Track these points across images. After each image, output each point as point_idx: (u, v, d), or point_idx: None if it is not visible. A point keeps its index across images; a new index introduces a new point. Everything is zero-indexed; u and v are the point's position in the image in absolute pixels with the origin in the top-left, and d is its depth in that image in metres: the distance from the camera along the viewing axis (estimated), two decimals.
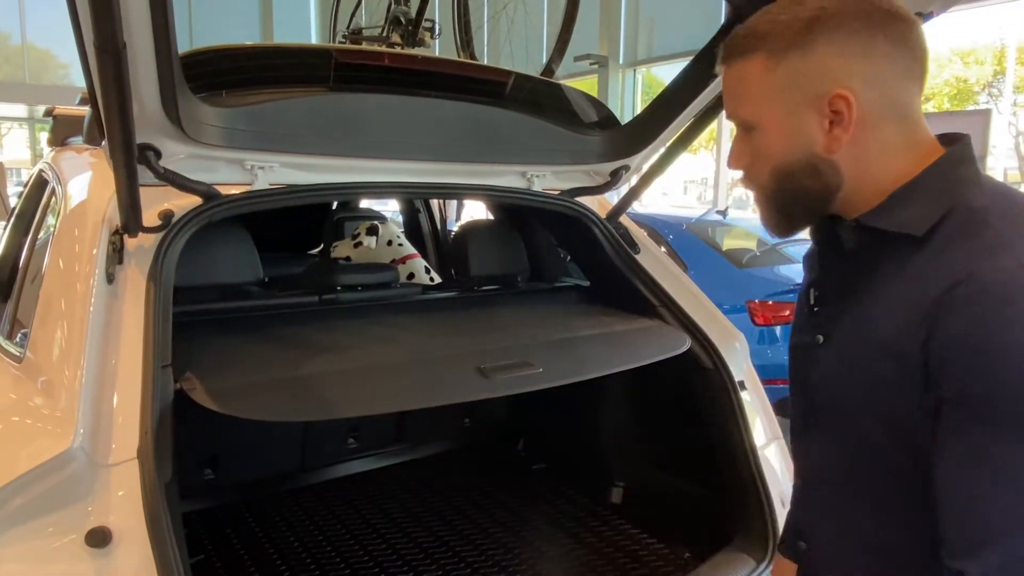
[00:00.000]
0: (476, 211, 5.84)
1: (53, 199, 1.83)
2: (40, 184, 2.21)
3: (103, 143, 1.28)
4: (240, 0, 15.29)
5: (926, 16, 1.57)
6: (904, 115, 0.83)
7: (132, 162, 1.22)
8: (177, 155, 1.42)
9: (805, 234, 1.00)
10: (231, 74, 1.47)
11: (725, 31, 1.69)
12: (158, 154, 1.38)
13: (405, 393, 1.49)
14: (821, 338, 0.92)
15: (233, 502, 2.22)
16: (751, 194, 0.96)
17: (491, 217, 2.70)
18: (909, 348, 0.77)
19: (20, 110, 15.47)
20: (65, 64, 14.52)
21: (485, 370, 1.48)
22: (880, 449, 0.84)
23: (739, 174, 0.94)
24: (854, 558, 0.94)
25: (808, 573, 1.06)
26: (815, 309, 0.95)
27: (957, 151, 0.83)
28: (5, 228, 2.81)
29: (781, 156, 0.85)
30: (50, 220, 1.78)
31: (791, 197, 0.88)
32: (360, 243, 2.84)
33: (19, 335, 1.56)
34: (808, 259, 1.04)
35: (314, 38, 15.53)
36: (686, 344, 1.82)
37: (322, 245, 3.67)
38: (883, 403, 0.82)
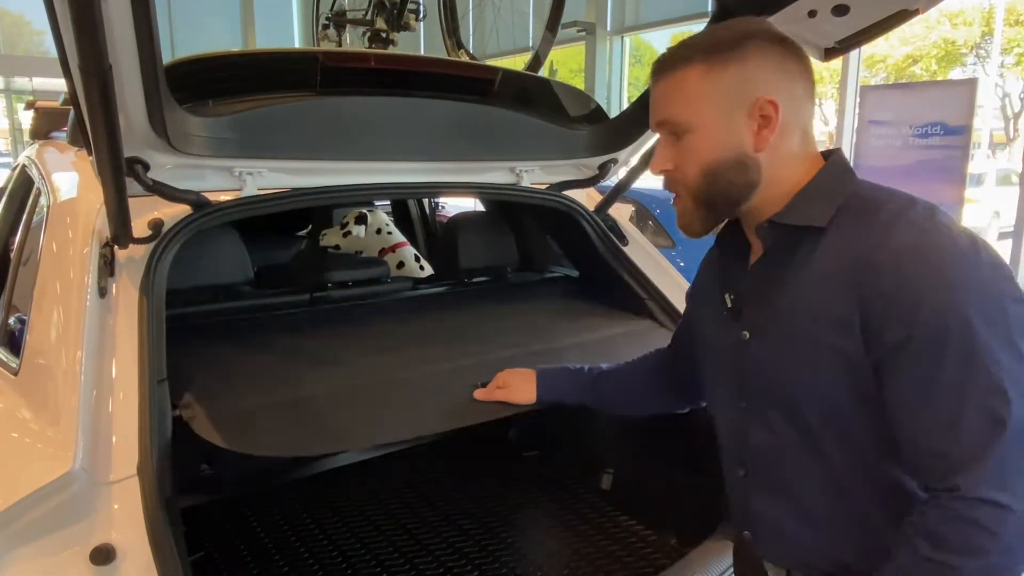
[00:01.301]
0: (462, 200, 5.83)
1: (40, 202, 1.82)
2: (25, 181, 2.19)
3: (91, 158, 1.27)
4: None
5: (912, 12, 1.59)
6: (805, 130, 0.99)
7: (120, 176, 1.22)
8: (165, 166, 1.42)
9: None
10: (217, 83, 1.46)
11: (714, 21, 1.69)
12: (146, 167, 1.37)
13: (405, 425, 1.51)
14: (747, 334, 1.03)
15: (231, 496, 2.25)
16: None
17: (481, 208, 2.70)
18: (844, 313, 0.89)
19: None
20: (40, 31, 14.16)
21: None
22: (820, 421, 0.95)
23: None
24: (800, 537, 1.02)
25: (754, 559, 1.12)
26: (736, 310, 1.06)
27: (837, 161, 1.00)
28: None
29: (712, 154, 0.96)
30: (37, 224, 1.77)
31: (718, 193, 0.98)
32: (349, 232, 2.84)
33: (13, 345, 1.57)
34: (705, 272, 1.19)
35: (295, 22, 15.12)
36: None
37: (310, 227, 3.66)
38: (827, 374, 0.92)
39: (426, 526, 2.14)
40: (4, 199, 2.51)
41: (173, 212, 1.49)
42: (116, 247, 1.40)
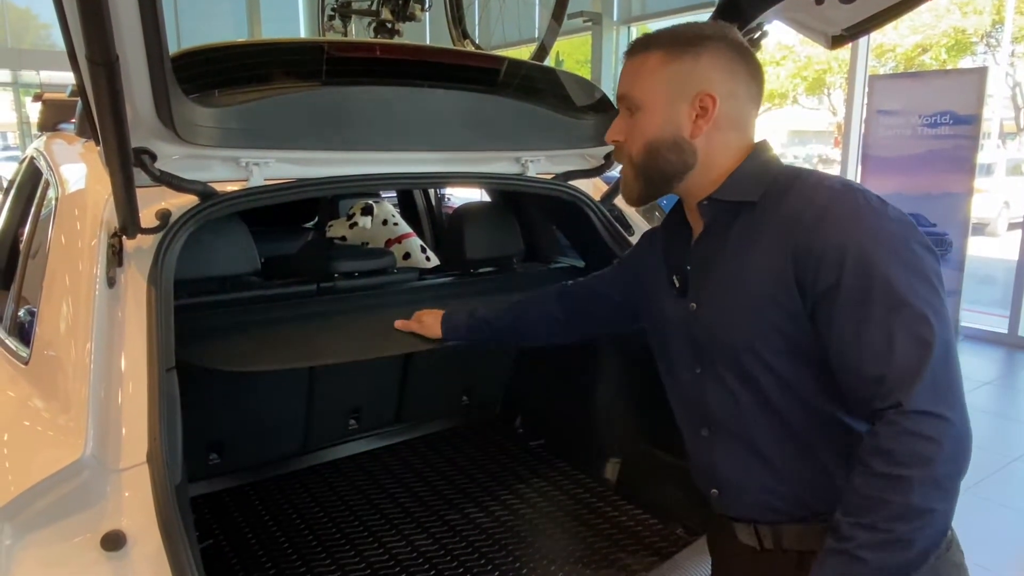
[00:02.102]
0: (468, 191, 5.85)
1: (48, 193, 1.83)
2: (34, 173, 2.20)
3: (98, 149, 1.28)
4: None
5: None
6: (744, 127, 1.13)
7: (128, 167, 1.23)
8: (172, 156, 1.43)
9: None
10: (223, 73, 1.46)
11: (720, 9, 1.69)
12: (153, 157, 1.38)
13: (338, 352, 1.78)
14: (695, 305, 1.15)
15: (238, 485, 2.27)
16: None
17: (486, 199, 2.70)
18: (781, 268, 1.01)
19: (3, 75, 15.17)
20: (46, 24, 14.16)
21: None
22: (770, 371, 1.05)
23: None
24: (762, 486, 1.11)
25: (721, 517, 1.20)
26: (681, 289, 1.18)
27: (760, 147, 1.13)
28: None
29: (655, 133, 1.09)
30: (46, 215, 1.78)
31: (656, 167, 1.11)
32: (355, 223, 2.84)
33: (23, 335, 1.58)
34: (652, 244, 1.33)
35: (301, 13, 15.04)
36: None
37: (317, 219, 3.67)
38: (771, 327, 1.04)
39: (433, 514, 2.16)
40: (13, 191, 2.52)
41: (180, 202, 1.50)
42: (124, 237, 1.41)
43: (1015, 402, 4.95)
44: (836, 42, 1.73)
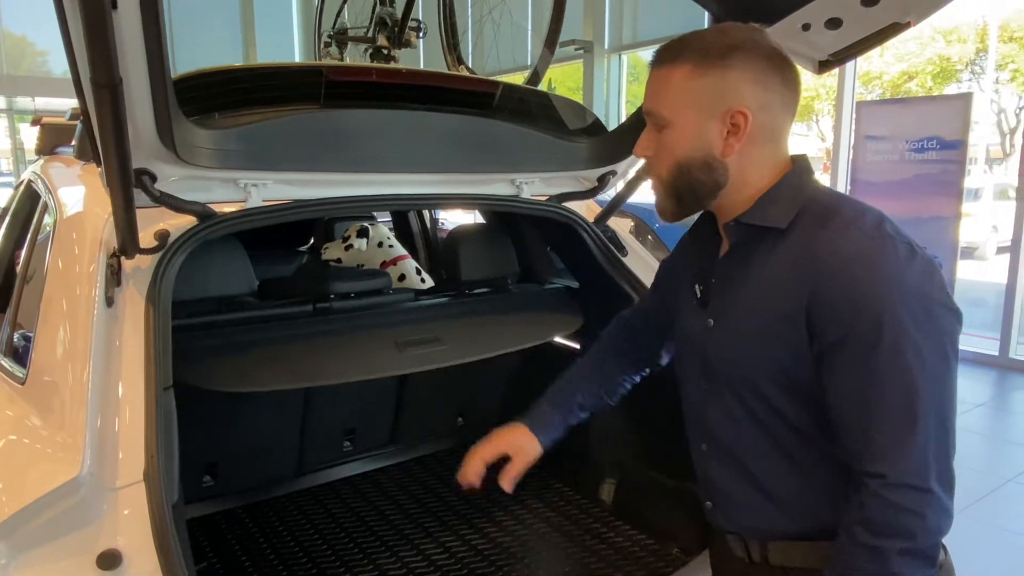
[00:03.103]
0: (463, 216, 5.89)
1: (47, 215, 1.84)
2: (31, 195, 2.22)
3: (100, 170, 1.30)
4: (220, 5, 14.87)
5: (904, 26, 1.62)
6: (778, 140, 1.07)
7: (129, 188, 1.24)
8: (172, 177, 1.44)
9: None
10: (224, 96, 1.49)
11: None
12: (153, 178, 1.39)
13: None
14: (711, 321, 1.12)
15: (233, 508, 2.26)
16: None
17: (481, 220, 2.73)
18: (794, 308, 0.98)
19: None
20: (43, 51, 14.24)
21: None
22: (771, 402, 1.05)
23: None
24: (754, 506, 1.11)
25: (714, 529, 1.23)
26: (702, 300, 1.15)
27: (800, 164, 1.08)
28: None
29: (684, 152, 1.05)
30: (44, 237, 1.79)
31: (687, 187, 1.07)
32: (351, 245, 2.86)
33: (20, 355, 1.58)
34: (679, 259, 1.31)
35: (296, 40, 15.19)
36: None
37: (311, 241, 3.68)
38: (776, 361, 1.02)
39: (427, 536, 2.15)
40: (9, 214, 2.53)
41: (179, 223, 1.51)
42: (123, 257, 1.43)
43: (1008, 423, 4.97)
44: (823, 67, 1.77)
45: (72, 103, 2.41)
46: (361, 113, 1.66)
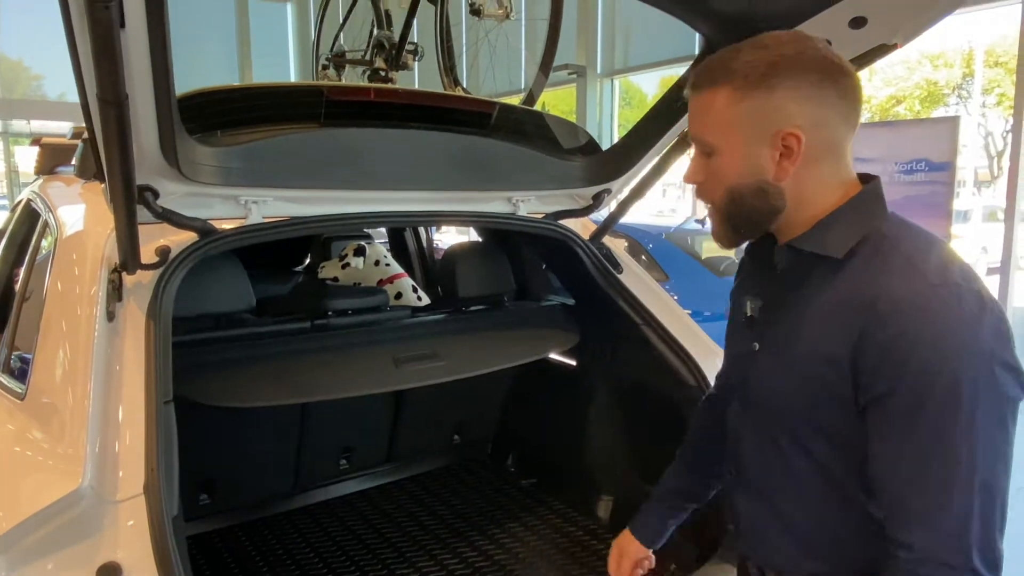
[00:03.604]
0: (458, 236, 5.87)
1: (47, 233, 1.85)
2: (30, 214, 2.23)
3: (103, 186, 1.31)
4: (216, 26, 15.01)
5: (891, 47, 1.66)
6: (839, 156, 0.97)
7: (132, 204, 1.26)
8: (174, 194, 1.46)
9: None
10: (226, 114, 1.51)
11: (699, 62, 1.77)
12: (156, 194, 1.41)
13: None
14: (757, 346, 1.06)
15: (229, 526, 2.25)
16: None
17: (478, 238, 2.75)
18: (839, 353, 0.90)
19: None
20: (38, 75, 14.32)
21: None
22: (804, 442, 0.99)
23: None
24: (774, 539, 1.07)
25: (736, 553, 1.20)
26: (752, 319, 1.09)
27: (871, 189, 0.99)
28: None
29: (735, 179, 0.97)
30: (44, 255, 1.80)
31: (741, 215, 1.00)
32: (348, 264, 2.87)
33: (19, 371, 1.59)
34: (740, 273, 1.20)
35: (292, 63, 15.31)
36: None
37: (307, 261, 3.70)
38: (814, 400, 0.95)
39: (424, 553, 2.14)
40: (7, 234, 2.54)
41: (179, 239, 1.52)
42: (124, 273, 1.44)
43: None
44: None
45: (67, 125, 2.45)
46: (360, 132, 1.69)
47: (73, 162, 2.44)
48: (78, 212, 1.77)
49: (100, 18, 0.95)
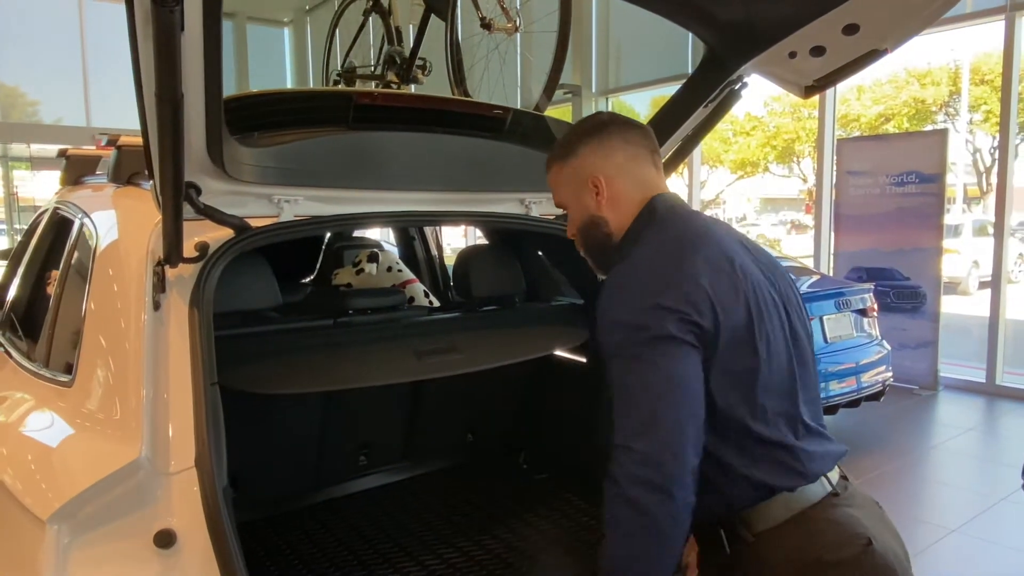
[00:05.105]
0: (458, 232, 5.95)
1: (83, 235, 1.93)
2: (60, 221, 2.31)
3: (151, 182, 1.40)
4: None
5: (881, 52, 1.77)
6: (640, 181, 1.36)
7: (179, 199, 1.34)
8: (215, 191, 1.55)
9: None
10: (263, 117, 1.61)
11: (704, 64, 1.89)
12: (199, 191, 1.50)
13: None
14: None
15: (252, 519, 2.31)
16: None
17: (488, 241, 2.84)
18: None
19: None
20: (34, 101, 14.41)
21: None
22: None
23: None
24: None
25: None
26: None
27: (652, 202, 1.34)
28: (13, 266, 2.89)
29: (580, 219, 1.39)
30: (82, 256, 1.88)
31: (591, 245, 1.40)
32: (362, 270, 2.96)
33: (63, 363, 1.67)
34: None
35: (288, 75, 15.49)
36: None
37: (316, 273, 3.78)
38: None
39: (438, 548, 2.20)
40: (34, 241, 2.62)
41: (217, 235, 1.61)
42: (167, 266, 1.52)
43: (998, 446, 5.07)
44: (809, 91, 1.92)
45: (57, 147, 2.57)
46: (385, 135, 1.79)
47: (97, 172, 2.53)
48: (115, 214, 1.86)
49: (165, 21, 1.04)
